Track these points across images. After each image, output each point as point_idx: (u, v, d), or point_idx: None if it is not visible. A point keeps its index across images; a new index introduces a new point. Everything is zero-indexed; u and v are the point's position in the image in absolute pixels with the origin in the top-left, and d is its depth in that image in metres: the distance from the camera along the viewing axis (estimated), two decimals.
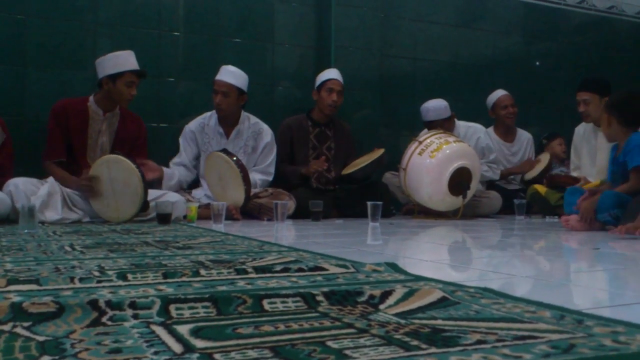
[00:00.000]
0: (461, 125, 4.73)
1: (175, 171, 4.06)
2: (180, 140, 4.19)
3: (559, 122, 5.50)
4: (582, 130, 4.49)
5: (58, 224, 3.29)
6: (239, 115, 4.20)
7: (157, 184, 3.83)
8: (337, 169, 4.43)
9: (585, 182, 3.98)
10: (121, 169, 3.36)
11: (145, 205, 3.41)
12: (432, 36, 5.31)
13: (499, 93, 4.98)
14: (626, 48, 6.16)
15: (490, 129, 5.09)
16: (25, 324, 0.94)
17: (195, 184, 4.25)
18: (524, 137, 5.19)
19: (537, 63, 5.83)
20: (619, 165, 3.28)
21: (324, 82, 4.36)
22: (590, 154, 4.26)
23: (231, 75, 4.07)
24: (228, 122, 4.17)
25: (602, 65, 5.74)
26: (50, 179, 3.42)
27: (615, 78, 4.39)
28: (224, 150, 3.87)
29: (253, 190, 3.91)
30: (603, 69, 5.22)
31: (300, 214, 3.97)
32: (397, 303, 1.12)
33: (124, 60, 3.61)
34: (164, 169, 3.94)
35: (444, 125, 4.51)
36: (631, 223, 2.71)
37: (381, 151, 4.24)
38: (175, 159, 4.15)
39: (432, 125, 4.52)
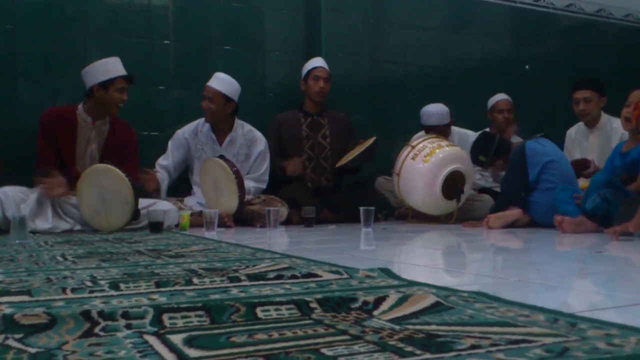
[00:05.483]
0: (455, 131, 4.76)
1: (164, 177, 4.07)
2: (170, 143, 4.18)
3: (549, 125, 5.52)
4: (573, 132, 4.52)
5: (49, 233, 3.28)
6: (232, 123, 4.20)
7: (156, 193, 3.84)
8: (336, 157, 4.44)
9: (595, 166, 3.98)
10: (110, 178, 3.35)
11: (136, 214, 3.40)
12: (422, 41, 5.32)
13: (499, 97, 4.95)
14: (614, 51, 6.20)
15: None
16: (17, 336, 0.94)
17: (187, 191, 4.24)
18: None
19: (527, 67, 5.86)
20: (628, 162, 3.27)
21: (310, 71, 4.43)
22: (582, 155, 4.28)
23: (219, 82, 4.09)
24: (220, 129, 4.18)
25: (591, 68, 5.77)
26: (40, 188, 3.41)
27: (603, 81, 4.41)
28: (221, 157, 3.87)
29: (246, 197, 3.90)
30: (591, 72, 5.24)
31: (293, 209, 4.00)
32: (391, 309, 1.12)
33: (113, 66, 3.61)
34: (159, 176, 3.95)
35: (443, 131, 4.54)
36: (625, 223, 2.72)
37: (372, 139, 4.22)
38: (162, 161, 4.15)
39: (432, 130, 4.53)
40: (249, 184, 4.04)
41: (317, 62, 4.47)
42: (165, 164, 4.14)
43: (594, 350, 0.82)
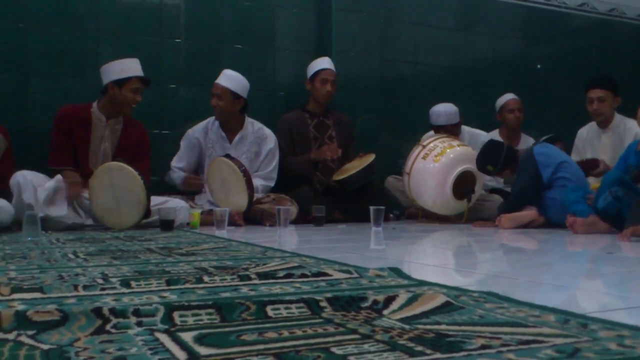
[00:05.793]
0: (466, 130, 4.74)
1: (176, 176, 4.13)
2: (182, 143, 4.20)
3: (559, 125, 5.49)
4: (585, 132, 4.49)
5: (62, 221, 3.31)
6: (242, 120, 4.21)
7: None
8: (342, 159, 4.42)
9: (605, 165, 3.96)
10: (123, 176, 3.36)
11: (147, 213, 3.42)
12: (433, 40, 5.31)
13: (508, 97, 4.93)
14: (627, 51, 6.15)
15: (496, 132, 5.08)
16: (30, 333, 0.95)
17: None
18: (529, 143, 5.17)
19: (538, 66, 5.82)
20: None
21: (317, 72, 4.39)
22: (594, 156, 4.25)
23: (227, 78, 4.10)
24: (230, 127, 4.19)
25: (603, 68, 5.73)
26: (58, 176, 3.43)
27: (616, 81, 4.37)
28: (227, 156, 3.88)
29: (255, 196, 3.91)
30: (604, 72, 5.20)
31: (302, 213, 3.98)
32: (401, 308, 1.12)
33: (130, 66, 3.64)
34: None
35: (452, 131, 4.53)
36: (636, 226, 2.70)
37: (372, 157, 4.21)
38: (177, 162, 4.17)
39: (441, 129, 4.52)
40: (257, 181, 4.04)
41: (325, 63, 4.43)
42: (180, 166, 4.17)
43: (605, 351, 0.81)
